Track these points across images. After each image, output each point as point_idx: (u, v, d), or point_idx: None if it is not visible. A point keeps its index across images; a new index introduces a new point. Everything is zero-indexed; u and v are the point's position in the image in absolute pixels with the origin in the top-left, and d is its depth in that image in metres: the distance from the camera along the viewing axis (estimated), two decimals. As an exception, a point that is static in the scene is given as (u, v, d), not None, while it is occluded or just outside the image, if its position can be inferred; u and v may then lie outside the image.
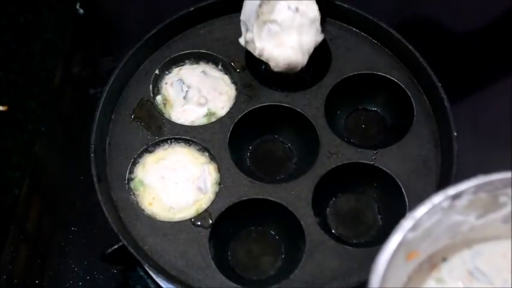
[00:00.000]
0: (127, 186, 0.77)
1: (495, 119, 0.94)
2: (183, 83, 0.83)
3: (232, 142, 0.80)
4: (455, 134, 0.75)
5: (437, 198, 0.52)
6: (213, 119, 0.81)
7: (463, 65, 1.00)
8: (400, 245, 0.50)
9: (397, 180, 0.76)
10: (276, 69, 0.79)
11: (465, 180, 0.52)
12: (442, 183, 0.75)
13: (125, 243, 0.70)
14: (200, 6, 0.86)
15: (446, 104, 0.77)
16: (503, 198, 0.54)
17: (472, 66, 1.00)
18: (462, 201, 0.53)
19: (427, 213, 0.51)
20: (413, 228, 0.51)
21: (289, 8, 0.77)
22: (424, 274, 0.56)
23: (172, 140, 0.80)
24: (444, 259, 0.57)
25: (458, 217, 0.54)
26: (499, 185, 0.53)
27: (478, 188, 0.52)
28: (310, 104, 0.81)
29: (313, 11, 0.78)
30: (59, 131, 0.99)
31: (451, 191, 0.52)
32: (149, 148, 0.80)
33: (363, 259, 0.72)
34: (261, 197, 0.75)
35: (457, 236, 0.56)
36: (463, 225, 0.55)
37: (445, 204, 0.52)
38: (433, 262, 0.57)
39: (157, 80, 0.85)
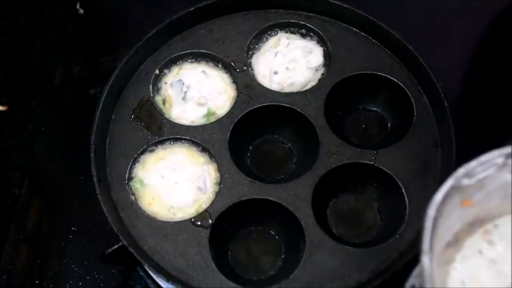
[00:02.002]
0: (127, 186, 0.77)
1: (495, 119, 0.94)
2: (183, 83, 0.83)
3: (232, 142, 0.80)
4: (455, 134, 0.75)
5: (494, 154, 0.54)
6: (213, 119, 0.81)
7: (464, 64, 1.00)
8: (455, 187, 0.52)
9: (397, 180, 0.76)
10: None
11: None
12: (442, 184, 0.74)
13: (125, 243, 0.70)
14: (200, 6, 0.86)
15: (446, 104, 0.77)
16: None
17: (471, 66, 1.00)
18: None
19: (481, 164, 0.53)
20: (468, 175, 0.53)
21: None
22: (475, 234, 0.58)
23: (172, 140, 0.80)
24: (495, 222, 0.58)
25: (509, 176, 0.55)
26: None
27: None
28: (310, 104, 0.81)
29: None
30: (59, 131, 0.99)
31: (507, 149, 0.54)
32: (149, 148, 0.80)
33: (363, 259, 0.72)
34: (261, 197, 0.75)
35: (508, 198, 0.57)
36: None
37: (499, 160, 0.54)
38: (484, 224, 0.58)
39: (157, 80, 0.85)
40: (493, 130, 0.93)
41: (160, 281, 0.80)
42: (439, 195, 0.51)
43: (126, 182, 0.77)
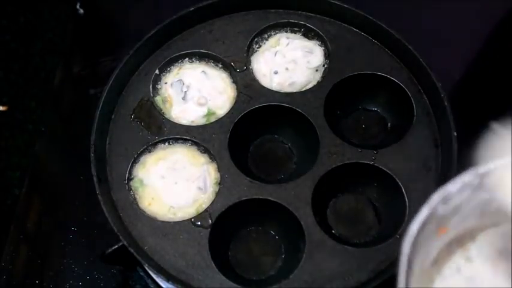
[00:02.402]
0: (127, 186, 0.77)
1: (495, 119, 0.94)
2: (183, 83, 0.83)
3: (232, 142, 0.80)
4: (455, 134, 0.75)
5: (468, 176, 0.52)
6: (213, 119, 0.81)
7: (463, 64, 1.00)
8: (431, 217, 0.51)
9: (397, 180, 0.76)
10: None
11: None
12: (442, 183, 0.74)
13: (125, 243, 0.70)
14: (200, 6, 0.86)
15: (446, 104, 0.77)
16: None
17: (471, 65, 1.00)
18: (491, 179, 0.53)
19: (458, 189, 0.52)
20: (444, 201, 0.52)
21: None
22: (453, 253, 0.57)
23: (172, 140, 0.80)
24: (473, 238, 0.58)
25: (487, 194, 0.54)
26: None
27: (506, 167, 0.53)
28: (310, 104, 0.81)
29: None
30: (59, 131, 0.99)
31: (481, 169, 0.52)
32: (149, 148, 0.80)
33: (363, 259, 0.72)
34: (261, 197, 0.75)
35: (486, 215, 0.56)
36: (492, 204, 0.55)
37: (475, 181, 0.53)
38: (462, 241, 0.57)
39: (157, 80, 0.85)
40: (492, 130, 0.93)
41: (160, 281, 0.80)
42: (413, 228, 0.50)
43: (126, 182, 0.77)
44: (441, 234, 0.55)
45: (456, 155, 0.74)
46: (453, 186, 0.52)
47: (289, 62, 0.84)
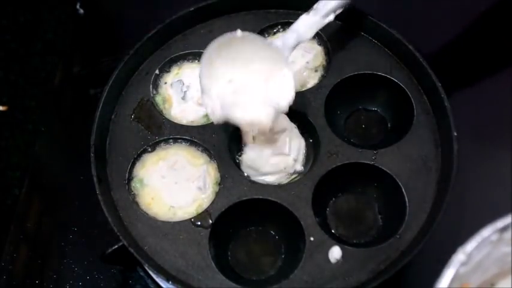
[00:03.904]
0: (127, 186, 0.77)
1: (495, 119, 0.94)
2: (183, 83, 0.83)
3: (232, 142, 0.80)
4: (455, 134, 0.75)
5: (486, 232, 0.53)
6: (213, 119, 0.81)
7: (463, 63, 1.00)
8: (454, 279, 0.52)
9: (397, 180, 0.76)
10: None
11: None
12: (442, 183, 0.75)
13: (125, 243, 0.70)
14: (200, 6, 0.86)
15: (446, 104, 0.77)
16: None
17: (471, 65, 1.00)
18: (510, 234, 0.54)
19: (477, 247, 0.53)
20: (465, 262, 0.52)
21: None
22: None
23: (172, 140, 0.80)
24: (492, 285, 0.58)
25: (507, 248, 0.55)
26: None
27: None
28: (310, 104, 0.81)
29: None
30: (59, 131, 0.99)
31: (499, 224, 0.53)
32: (149, 148, 0.80)
33: (363, 259, 0.72)
34: (261, 197, 0.75)
35: (506, 265, 0.57)
36: None
37: (494, 237, 0.53)
38: None
39: (157, 80, 0.85)
40: (493, 129, 0.93)
41: (160, 281, 0.80)
42: None
43: (126, 182, 0.77)
44: None
45: (456, 155, 0.74)
46: (472, 245, 0.53)
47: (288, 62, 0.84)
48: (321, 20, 0.76)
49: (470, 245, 0.52)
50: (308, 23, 0.76)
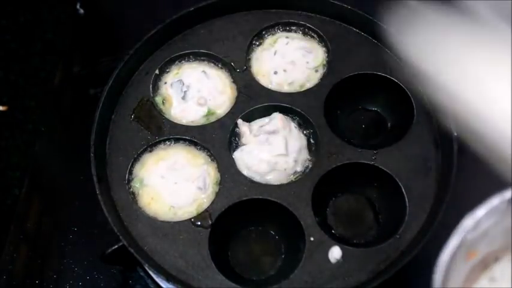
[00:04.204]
0: (127, 186, 0.77)
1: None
2: (183, 83, 0.83)
3: (232, 142, 0.80)
4: (455, 134, 0.75)
5: (496, 200, 0.53)
6: (213, 119, 0.81)
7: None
8: (461, 245, 0.52)
9: (397, 180, 0.76)
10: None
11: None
12: (442, 183, 0.75)
13: (125, 243, 0.70)
14: (200, 6, 0.86)
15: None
16: None
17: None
18: None
19: (486, 214, 0.53)
20: (473, 228, 0.53)
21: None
22: (477, 274, 0.57)
23: (172, 140, 0.80)
24: (496, 259, 0.58)
25: None
26: None
27: None
28: (310, 104, 0.81)
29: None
30: (59, 131, 0.99)
31: (508, 194, 0.53)
32: (149, 148, 0.80)
33: (363, 259, 0.72)
34: (261, 197, 0.75)
35: (509, 235, 0.57)
36: None
37: (503, 206, 0.53)
38: (486, 262, 0.58)
39: (157, 80, 0.85)
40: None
41: (160, 281, 0.80)
42: (445, 257, 0.51)
43: (126, 182, 0.77)
44: (470, 259, 0.55)
45: (456, 155, 0.74)
46: (481, 211, 0.53)
47: (288, 62, 0.84)
48: None
49: (479, 212, 0.53)
50: None
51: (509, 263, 0.57)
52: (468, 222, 0.52)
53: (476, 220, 0.53)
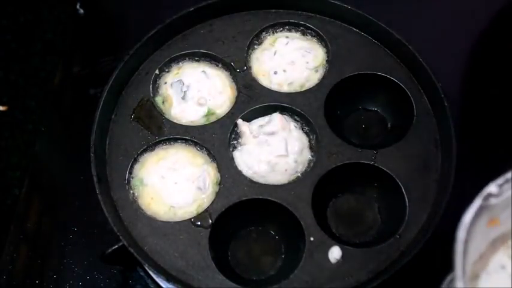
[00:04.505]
0: (127, 186, 0.77)
1: (495, 119, 0.94)
2: (183, 83, 0.83)
3: (232, 142, 0.80)
4: (455, 134, 0.75)
5: None
6: (213, 119, 0.81)
7: (463, 63, 1.00)
8: (483, 208, 0.52)
9: (397, 180, 0.76)
10: None
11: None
12: (442, 183, 0.75)
13: (125, 243, 0.70)
14: (200, 6, 0.86)
15: (446, 104, 0.77)
16: None
17: (471, 64, 1.00)
18: None
19: (508, 181, 0.53)
20: (496, 194, 0.52)
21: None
22: (497, 249, 0.57)
23: (172, 140, 0.80)
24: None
25: None
26: None
27: None
28: (310, 104, 0.81)
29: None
30: (59, 131, 0.99)
31: None
32: (149, 148, 0.80)
33: (363, 259, 0.72)
34: (261, 197, 0.75)
35: None
36: None
37: None
38: (505, 239, 0.58)
39: (157, 80, 0.85)
40: (492, 129, 0.93)
41: (160, 281, 0.80)
42: (468, 217, 0.51)
43: (126, 182, 0.77)
44: (491, 226, 0.55)
45: (456, 155, 0.74)
46: (504, 178, 0.53)
47: (288, 62, 0.84)
48: None
49: (502, 178, 0.53)
50: None
51: None
52: (491, 188, 0.52)
53: (500, 185, 0.52)
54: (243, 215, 0.76)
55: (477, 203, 0.51)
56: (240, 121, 0.80)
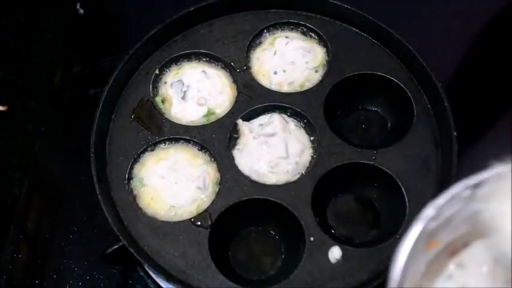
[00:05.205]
0: (127, 186, 0.77)
1: (495, 119, 0.94)
2: (183, 83, 0.83)
3: (232, 142, 0.80)
4: (455, 134, 0.75)
5: (458, 187, 0.51)
6: (213, 119, 0.81)
7: (463, 63, 1.00)
8: (421, 234, 0.50)
9: (397, 180, 0.76)
10: None
11: (486, 169, 0.52)
12: (442, 183, 0.75)
13: (125, 243, 0.70)
14: (200, 6, 0.86)
15: (446, 104, 0.77)
16: None
17: (471, 64, 1.00)
18: (483, 190, 0.52)
19: (448, 202, 0.51)
20: (435, 217, 0.51)
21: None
22: (443, 260, 0.56)
23: (172, 140, 0.80)
24: (466, 244, 0.56)
25: (479, 205, 0.53)
26: None
27: (498, 177, 0.51)
28: (310, 104, 0.81)
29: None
30: (59, 131, 0.99)
31: (472, 180, 0.51)
32: (149, 148, 0.80)
33: (363, 259, 0.72)
34: (261, 197, 0.75)
35: (478, 223, 0.55)
36: (484, 213, 0.54)
37: (466, 193, 0.52)
38: (452, 248, 0.56)
39: (157, 80, 0.85)
40: (492, 130, 0.93)
41: (160, 281, 0.80)
42: (403, 253, 0.49)
43: (126, 182, 0.77)
44: (432, 248, 0.54)
45: (456, 155, 0.74)
46: (443, 199, 0.51)
47: (288, 62, 0.84)
48: None
49: (441, 200, 0.51)
50: None
51: (480, 248, 0.55)
52: (429, 211, 0.50)
53: (438, 207, 0.50)
54: (243, 215, 0.76)
55: (414, 231, 0.49)
56: (240, 121, 0.80)
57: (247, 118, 0.81)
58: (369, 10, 0.85)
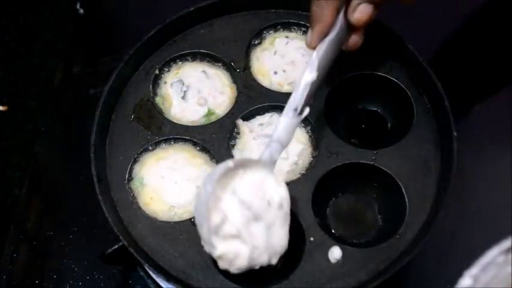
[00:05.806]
0: (127, 186, 0.77)
1: (495, 119, 0.94)
2: (183, 83, 0.83)
3: (232, 142, 0.80)
4: (455, 134, 0.75)
5: (492, 254, 0.51)
6: (213, 119, 0.81)
7: (463, 64, 1.00)
8: None
9: (397, 180, 0.76)
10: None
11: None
12: (442, 183, 0.75)
13: (125, 243, 0.70)
14: (200, 6, 0.86)
15: (446, 104, 0.77)
16: None
17: (472, 66, 1.00)
18: None
19: (483, 269, 0.51)
20: (472, 286, 0.51)
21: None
22: None
23: (172, 140, 0.80)
24: None
25: None
26: None
27: None
28: (310, 104, 0.81)
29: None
30: (59, 131, 0.99)
31: (505, 244, 0.52)
32: (149, 148, 0.80)
33: (363, 259, 0.72)
34: (261, 197, 0.75)
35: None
36: None
37: (500, 259, 0.52)
38: None
39: (157, 80, 0.85)
40: (492, 130, 0.93)
41: (160, 281, 0.80)
42: None
43: (126, 182, 0.77)
44: None
45: (456, 155, 0.74)
46: (478, 268, 0.51)
47: (288, 62, 0.84)
48: (298, 119, 0.69)
49: (476, 268, 0.51)
50: (288, 128, 0.69)
51: None
52: (466, 281, 0.51)
53: (474, 276, 0.51)
54: (243, 215, 0.76)
55: None
56: (240, 121, 0.80)
57: (247, 118, 0.81)
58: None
